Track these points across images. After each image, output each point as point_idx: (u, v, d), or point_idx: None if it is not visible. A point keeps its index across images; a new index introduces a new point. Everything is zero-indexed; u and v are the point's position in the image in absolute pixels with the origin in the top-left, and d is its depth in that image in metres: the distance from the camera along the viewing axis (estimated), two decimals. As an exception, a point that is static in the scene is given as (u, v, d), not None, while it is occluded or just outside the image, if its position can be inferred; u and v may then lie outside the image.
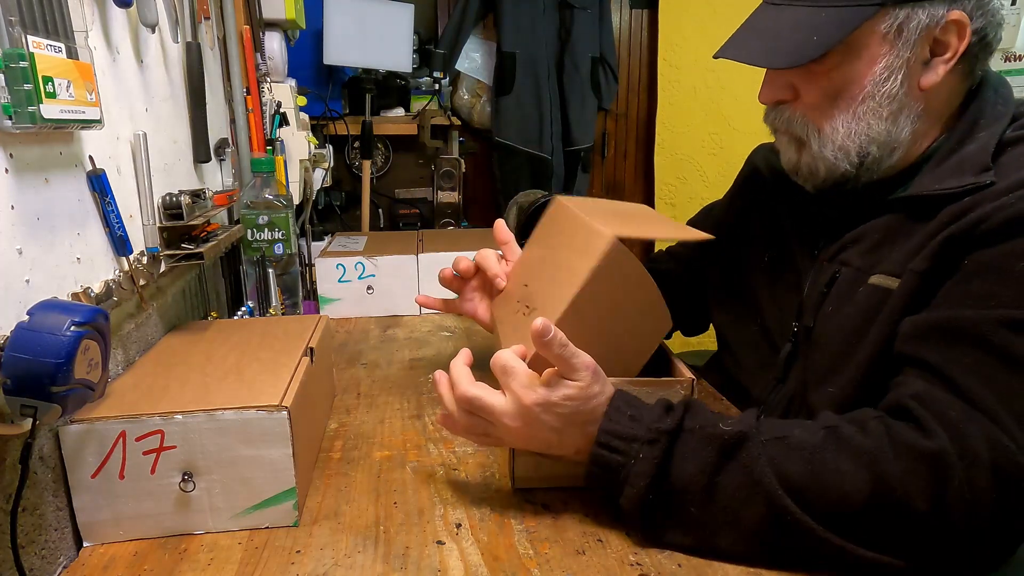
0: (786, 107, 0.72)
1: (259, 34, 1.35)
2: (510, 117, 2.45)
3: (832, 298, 0.72)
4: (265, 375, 0.69)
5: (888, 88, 0.66)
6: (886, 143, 0.68)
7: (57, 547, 0.59)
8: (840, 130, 0.68)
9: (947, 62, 0.65)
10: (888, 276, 0.67)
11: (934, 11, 0.63)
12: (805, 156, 0.72)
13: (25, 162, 0.58)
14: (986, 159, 0.63)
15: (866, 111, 0.67)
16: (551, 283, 0.70)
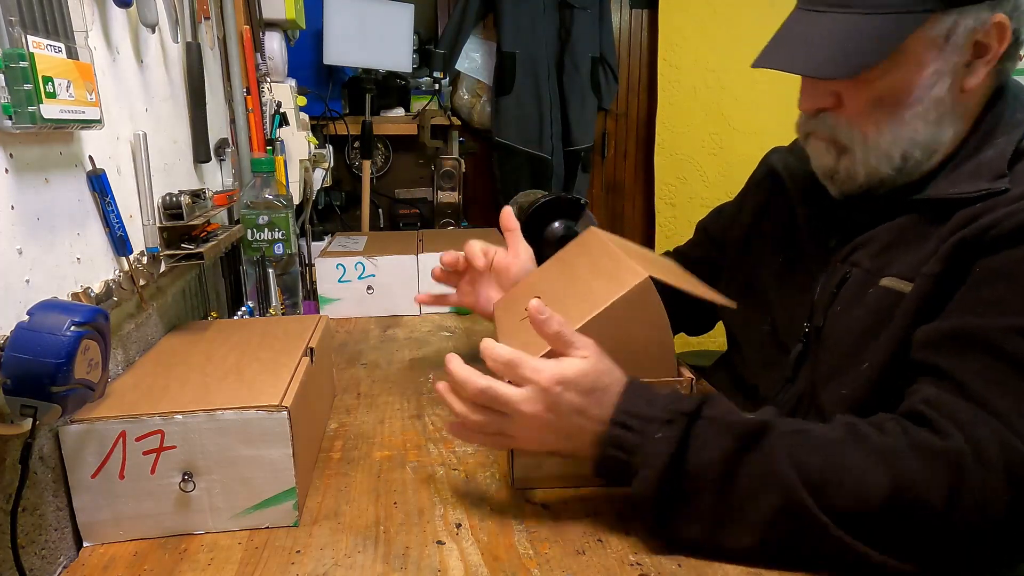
0: (828, 114, 0.70)
1: (259, 34, 1.35)
2: (510, 117, 2.45)
3: (842, 298, 0.72)
4: (265, 375, 0.69)
5: (936, 92, 0.65)
6: (928, 146, 0.67)
7: (57, 547, 0.59)
8: (886, 135, 0.67)
9: (988, 63, 0.65)
10: (899, 279, 0.66)
11: (980, 15, 0.63)
12: (845, 161, 0.71)
13: (25, 162, 0.58)
14: (1002, 165, 0.63)
15: (914, 116, 0.66)
16: (568, 301, 0.71)
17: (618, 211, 2.89)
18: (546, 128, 2.47)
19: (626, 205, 2.89)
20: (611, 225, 2.89)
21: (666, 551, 0.60)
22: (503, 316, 0.84)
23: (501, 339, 0.76)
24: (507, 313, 0.83)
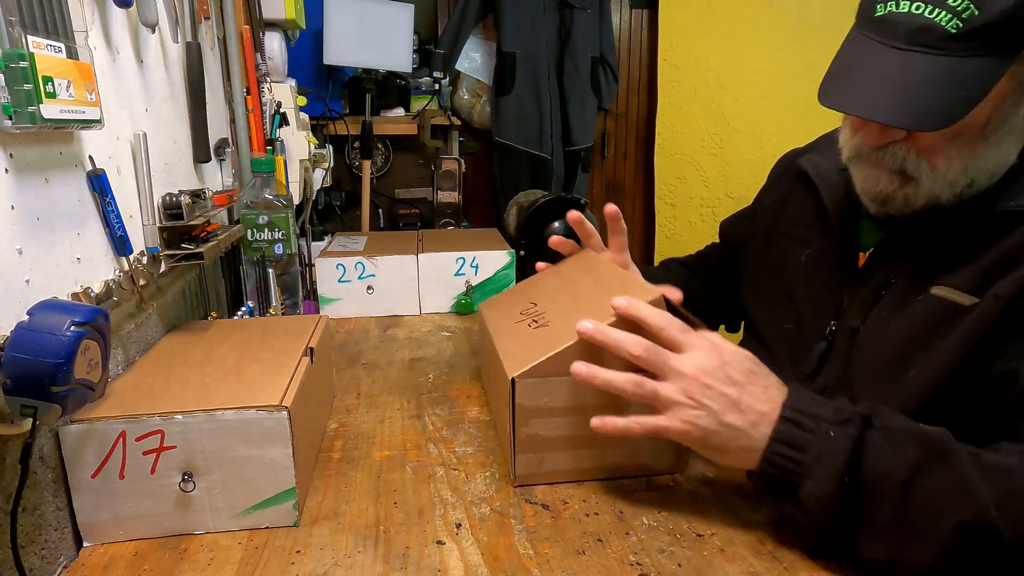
0: (898, 146, 0.67)
1: (259, 34, 1.35)
2: (510, 117, 2.45)
3: (887, 303, 0.70)
4: (265, 375, 0.69)
5: (1010, 124, 0.64)
6: (994, 173, 0.66)
7: (57, 547, 0.59)
8: (956, 167, 0.65)
9: None
10: (955, 290, 0.65)
11: None
12: (907, 189, 0.68)
13: (25, 162, 0.58)
14: None
15: (986, 147, 0.65)
16: (570, 309, 0.72)
17: (618, 211, 2.89)
18: (546, 128, 2.47)
19: (626, 205, 2.89)
20: (611, 225, 2.89)
21: (666, 552, 0.60)
22: (496, 316, 0.84)
23: (496, 340, 0.77)
24: (500, 314, 0.84)
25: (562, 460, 0.69)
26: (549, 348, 0.66)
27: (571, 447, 0.69)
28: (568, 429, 0.68)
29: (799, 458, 0.56)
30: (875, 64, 0.63)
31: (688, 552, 0.60)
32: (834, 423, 0.56)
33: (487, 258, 1.30)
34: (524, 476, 0.70)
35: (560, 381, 0.67)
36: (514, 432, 0.68)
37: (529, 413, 0.67)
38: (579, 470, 0.70)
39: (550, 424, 0.68)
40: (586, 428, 0.65)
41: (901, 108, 0.61)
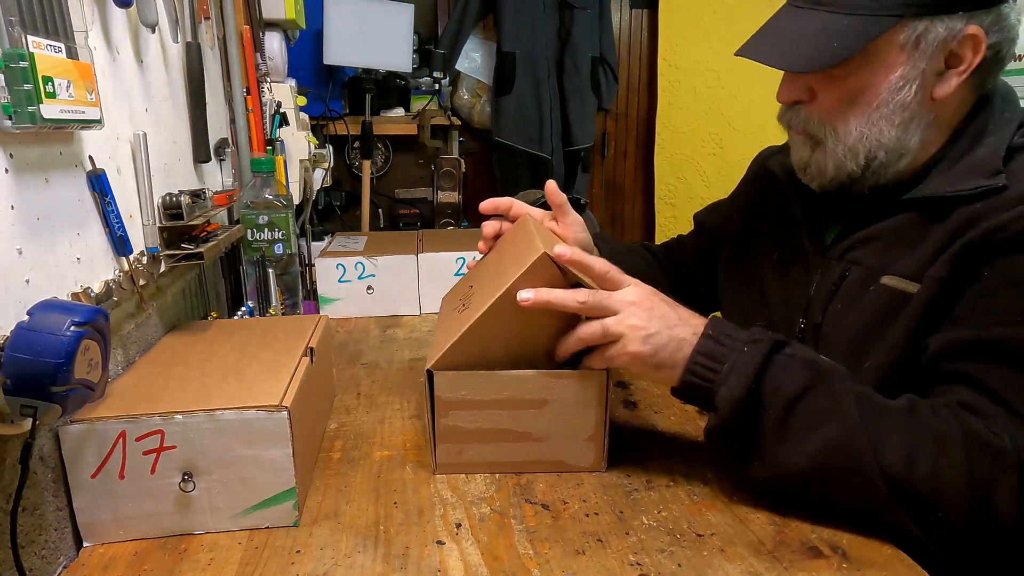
0: (802, 107, 0.73)
1: (259, 34, 1.35)
2: (510, 117, 2.45)
3: (841, 296, 0.73)
4: (265, 375, 0.69)
5: (902, 97, 0.67)
6: (895, 149, 0.69)
7: (57, 547, 0.59)
8: (853, 133, 0.69)
9: (960, 74, 0.66)
10: (902, 278, 0.68)
11: (952, 24, 0.64)
12: (817, 154, 0.73)
13: (25, 162, 0.58)
14: (997, 163, 0.65)
15: (879, 117, 0.68)
16: (487, 286, 0.75)
17: (618, 211, 2.89)
18: (546, 128, 2.47)
19: (626, 205, 2.89)
20: (611, 225, 2.89)
21: (666, 552, 0.60)
22: (445, 307, 0.85)
23: (438, 330, 0.79)
24: (448, 304, 0.85)
25: (481, 452, 0.71)
26: (458, 331, 0.68)
27: (491, 440, 0.71)
28: (488, 422, 0.70)
29: (716, 367, 0.63)
30: (778, 20, 0.72)
31: (688, 552, 0.60)
32: (748, 342, 0.63)
33: (487, 258, 1.30)
34: (444, 465, 0.72)
35: (481, 375, 0.69)
36: (433, 423, 0.70)
37: (448, 405, 0.69)
38: (499, 463, 0.72)
39: (469, 416, 0.70)
40: (507, 422, 0.70)
41: (778, 52, 0.69)
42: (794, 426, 0.61)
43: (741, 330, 0.65)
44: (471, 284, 0.82)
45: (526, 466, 0.72)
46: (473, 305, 0.73)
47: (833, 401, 0.60)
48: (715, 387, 0.63)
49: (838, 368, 0.63)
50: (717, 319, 0.67)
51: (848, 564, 0.58)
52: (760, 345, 0.62)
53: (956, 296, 0.64)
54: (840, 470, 0.60)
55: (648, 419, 0.85)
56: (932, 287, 0.65)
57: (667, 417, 0.85)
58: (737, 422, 0.62)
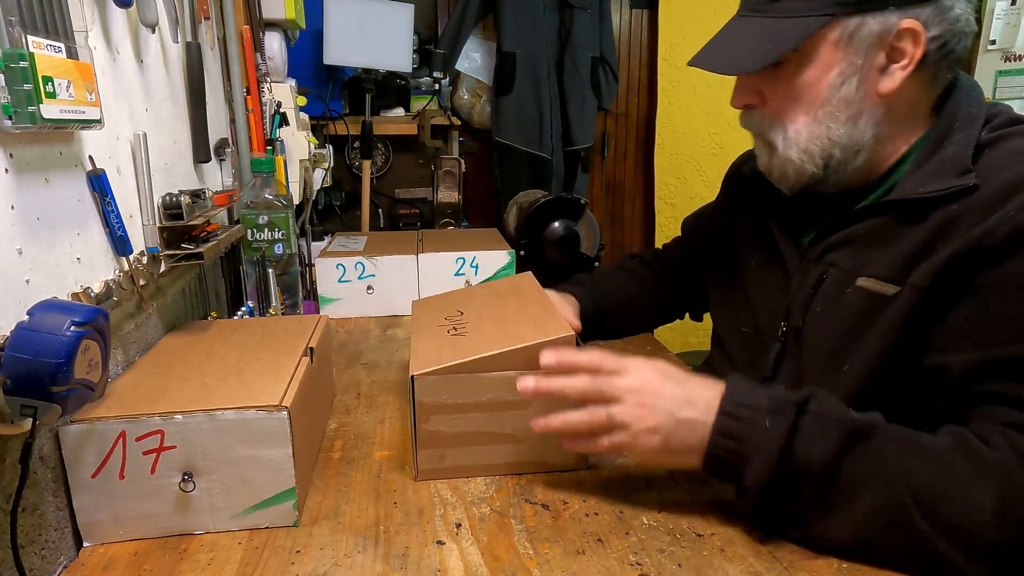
0: (755, 111, 0.75)
1: (259, 34, 1.35)
2: (510, 117, 2.45)
3: (820, 299, 0.73)
4: (265, 375, 0.69)
5: (844, 93, 0.68)
6: (848, 146, 0.70)
7: (57, 547, 0.59)
8: (803, 133, 0.70)
9: (904, 68, 0.67)
10: (877, 280, 0.68)
11: (885, 20, 0.65)
12: (775, 159, 0.74)
13: (25, 162, 0.58)
14: (966, 161, 0.64)
15: (825, 115, 0.69)
16: (490, 326, 0.76)
17: (618, 211, 2.89)
18: (546, 128, 2.47)
19: (626, 205, 2.89)
20: (611, 225, 2.89)
21: (666, 552, 0.60)
22: (423, 316, 0.86)
23: (414, 338, 0.79)
24: (428, 315, 0.86)
25: (463, 456, 0.71)
26: (457, 356, 0.69)
27: (473, 443, 0.71)
28: (469, 426, 0.71)
29: (738, 448, 0.60)
30: (725, 29, 0.75)
31: (688, 552, 0.60)
32: (769, 413, 0.59)
33: (487, 258, 1.30)
34: (426, 471, 0.72)
35: (460, 378, 0.69)
36: (415, 428, 0.70)
37: (429, 409, 0.69)
38: (481, 466, 0.72)
39: (450, 420, 0.70)
40: (488, 424, 0.70)
41: (721, 59, 0.73)
42: (835, 497, 0.58)
43: (762, 395, 0.61)
44: (460, 310, 0.84)
45: (509, 468, 0.72)
46: (471, 336, 0.75)
47: (874, 462, 0.57)
48: (739, 468, 0.60)
49: (874, 422, 0.59)
50: (733, 386, 0.62)
51: (848, 564, 0.58)
52: (783, 417, 0.59)
53: (945, 306, 0.63)
54: (890, 534, 0.57)
55: (648, 419, 0.85)
56: (914, 295, 0.64)
57: (667, 417, 0.85)
58: (771, 499, 0.60)
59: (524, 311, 0.78)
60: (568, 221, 1.53)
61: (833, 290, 0.72)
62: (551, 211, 1.54)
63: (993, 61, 2.39)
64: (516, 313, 0.78)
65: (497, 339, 0.71)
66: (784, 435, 0.58)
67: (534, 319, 0.76)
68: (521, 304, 0.82)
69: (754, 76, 0.73)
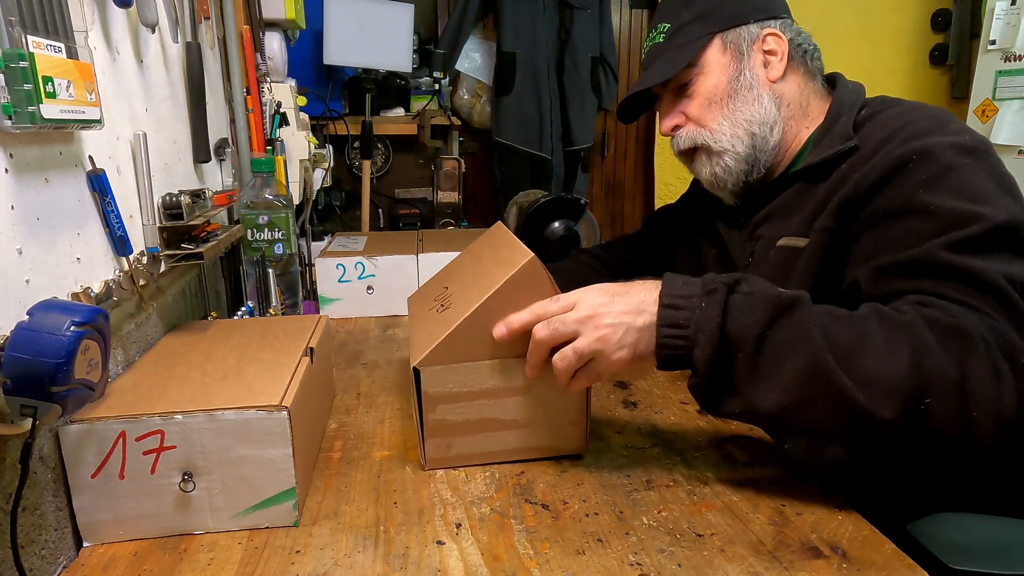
0: (682, 129, 0.90)
1: (259, 34, 1.35)
2: (510, 117, 2.45)
3: (753, 266, 0.87)
4: (265, 375, 0.69)
5: (744, 82, 0.86)
6: (763, 122, 0.86)
7: (57, 547, 0.59)
8: (725, 124, 0.86)
9: (781, 60, 0.87)
10: (793, 237, 0.82)
11: (751, 30, 0.87)
12: (714, 159, 0.88)
13: (25, 162, 0.58)
14: (848, 131, 0.81)
15: (737, 103, 0.86)
16: (470, 287, 0.76)
17: (618, 211, 2.89)
18: (546, 128, 2.47)
19: (626, 205, 2.89)
20: (611, 225, 2.89)
21: (666, 552, 0.60)
22: (416, 308, 0.87)
23: (412, 331, 0.80)
24: (420, 304, 0.86)
25: (470, 444, 0.72)
26: (445, 330, 0.69)
27: (479, 431, 0.72)
28: (474, 413, 0.71)
29: (683, 334, 0.64)
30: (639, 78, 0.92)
31: (688, 552, 0.60)
32: (703, 295, 0.65)
33: (487, 258, 1.30)
34: (434, 460, 0.73)
35: (464, 367, 0.70)
36: (421, 418, 0.71)
37: (435, 399, 0.70)
38: (487, 453, 0.73)
39: (456, 409, 0.71)
40: (493, 412, 0.71)
41: (643, 81, 0.90)
42: (763, 363, 0.63)
43: (695, 283, 0.66)
44: (445, 285, 0.84)
45: (514, 454, 0.73)
46: (455, 306, 0.74)
47: (796, 331, 0.62)
48: (689, 351, 0.64)
49: (798, 296, 0.64)
50: (669, 281, 0.67)
51: (848, 564, 0.58)
52: (716, 295, 0.64)
53: (848, 241, 0.75)
54: (816, 394, 0.61)
55: (648, 419, 0.85)
56: (820, 237, 0.77)
57: (667, 417, 0.85)
58: (715, 374, 0.64)
59: (494, 257, 0.78)
60: (568, 221, 1.53)
61: (761, 256, 0.86)
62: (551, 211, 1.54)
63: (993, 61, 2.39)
64: (489, 263, 0.78)
65: (475, 295, 0.71)
66: (719, 312, 0.63)
67: (501, 260, 0.76)
68: (492, 252, 0.82)
69: (672, 103, 0.91)
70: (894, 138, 0.75)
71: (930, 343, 0.59)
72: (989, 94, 2.42)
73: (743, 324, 0.63)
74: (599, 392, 0.92)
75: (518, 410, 0.72)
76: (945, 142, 0.71)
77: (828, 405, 0.60)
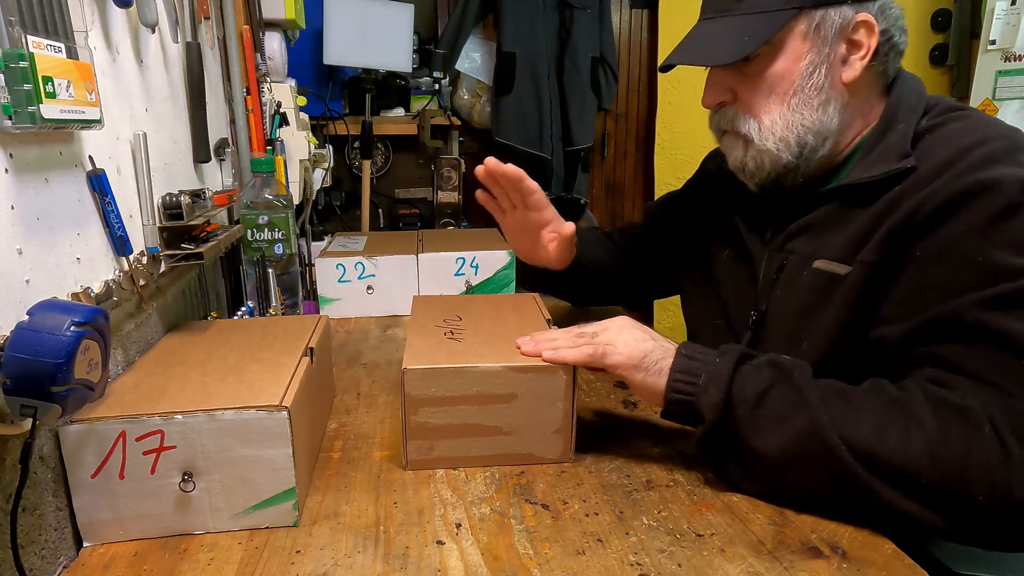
0: (728, 108, 0.79)
1: (259, 34, 1.35)
2: (510, 117, 2.45)
3: (781, 283, 0.79)
4: (265, 375, 0.69)
5: (814, 81, 0.73)
6: (819, 132, 0.75)
7: (57, 547, 0.59)
8: (779, 122, 0.75)
9: (863, 59, 0.73)
10: (831, 261, 0.73)
11: (845, 13, 0.72)
12: (751, 151, 0.78)
13: (25, 162, 0.58)
14: (905, 147, 0.70)
15: (799, 103, 0.74)
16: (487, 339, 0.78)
17: (618, 211, 2.89)
18: (546, 128, 2.47)
19: (626, 205, 2.89)
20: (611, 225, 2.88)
21: (666, 552, 0.60)
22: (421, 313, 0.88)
23: (409, 333, 0.81)
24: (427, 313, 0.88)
25: (451, 447, 0.73)
26: (450, 360, 0.71)
27: (461, 435, 0.72)
28: (457, 417, 0.72)
29: (695, 380, 0.67)
30: (694, 32, 0.79)
31: (688, 552, 0.60)
32: (719, 355, 0.68)
33: (487, 258, 1.30)
34: (415, 462, 0.73)
35: (448, 372, 0.70)
36: (404, 419, 0.71)
37: (418, 402, 0.71)
38: (468, 457, 0.73)
39: (439, 413, 0.71)
40: (476, 417, 0.72)
41: (698, 54, 0.77)
42: (763, 421, 0.64)
43: (711, 349, 0.70)
44: (460, 316, 0.87)
45: (496, 460, 0.74)
46: (465, 344, 0.77)
47: (796, 393, 0.64)
48: (696, 399, 0.67)
49: (799, 363, 0.66)
50: (687, 343, 0.71)
51: (848, 564, 0.58)
52: (729, 356, 0.67)
53: (890, 279, 0.68)
54: (811, 455, 0.62)
55: (648, 419, 0.85)
56: (864, 270, 0.69)
57: (667, 417, 0.85)
58: (720, 427, 0.66)
59: (520, 330, 0.80)
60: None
61: (792, 274, 0.77)
62: (551, 211, 1.53)
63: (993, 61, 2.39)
64: (513, 330, 0.80)
65: (491, 353, 0.73)
66: (731, 368, 0.65)
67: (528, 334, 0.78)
68: (519, 322, 0.85)
69: (725, 74, 0.77)
70: (957, 162, 0.65)
71: (926, 423, 0.59)
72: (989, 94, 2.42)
73: (748, 384, 0.65)
74: (599, 392, 0.92)
75: (503, 417, 0.72)
76: (1018, 176, 0.62)
77: (822, 465, 0.62)
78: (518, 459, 0.74)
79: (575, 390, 0.72)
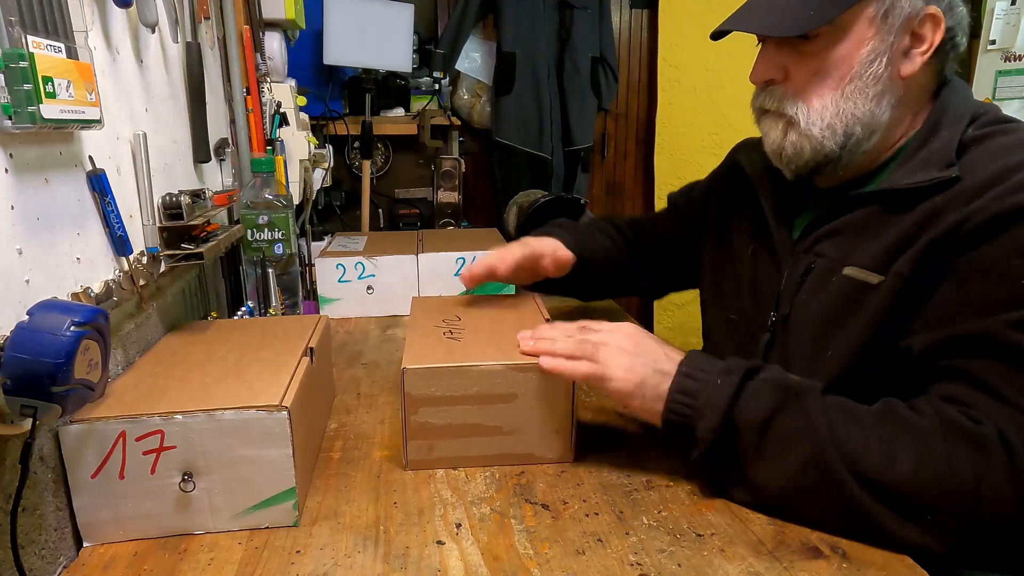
0: (777, 87, 0.74)
1: (259, 34, 1.35)
2: (510, 117, 2.45)
3: (807, 287, 0.75)
4: (265, 375, 0.69)
5: (874, 70, 0.69)
6: (869, 124, 0.71)
7: (57, 547, 0.59)
8: (829, 108, 0.71)
9: (923, 54, 0.70)
10: (862, 269, 0.70)
11: (915, 3, 0.68)
12: (792, 135, 0.74)
13: (25, 162, 0.58)
14: (950, 155, 0.67)
15: (854, 90, 0.70)
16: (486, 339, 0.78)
17: (618, 211, 2.89)
18: (546, 128, 2.47)
19: (626, 205, 2.89)
20: (611, 225, 2.89)
21: (666, 552, 0.60)
22: (420, 313, 0.88)
23: (409, 332, 0.81)
24: (426, 313, 0.88)
25: (451, 447, 0.73)
26: (449, 359, 0.71)
27: (460, 435, 0.72)
28: (457, 417, 0.72)
29: (692, 403, 0.65)
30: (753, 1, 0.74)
31: (688, 552, 0.60)
32: (721, 374, 0.65)
33: (487, 258, 1.30)
34: (415, 462, 0.73)
35: (449, 371, 0.70)
36: (404, 419, 0.71)
37: (418, 402, 0.71)
38: (468, 457, 0.73)
39: (439, 412, 0.71)
40: (476, 417, 0.72)
41: (758, 21, 0.72)
42: (767, 449, 0.62)
43: (717, 363, 0.67)
44: (459, 316, 0.87)
45: (495, 460, 0.74)
46: (464, 343, 0.77)
47: (803, 419, 0.61)
48: (693, 422, 0.65)
49: (809, 384, 0.64)
50: (693, 354, 0.69)
51: (848, 564, 0.58)
52: (732, 376, 0.64)
53: (925, 292, 0.65)
54: (817, 485, 0.60)
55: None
56: (897, 282, 0.66)
57: (667, 417, 0.85)
58: (717, 452, 0.64)
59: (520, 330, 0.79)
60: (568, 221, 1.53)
61: (820, 279, 0.74)
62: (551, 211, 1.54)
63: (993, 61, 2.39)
64: (512, 329, 0.80)
65: (491, 352, 0.73)
66: (732, 391, 0.63)
67: None
68: (518, 322, 0.84)
69: (780, 51, 0.73)
70: (1006, 179, 0.62)
71: (936, 450, 0.58)
72: (989, 94, 2.42)
73: (751, 408, 0.63)
74: (599, 392, 0.92)
75: (503, 417, 0.72)
76: None
77: (832, 499, 0.60)
78: (518, 459, 0.74)
79: (575, 390, 0.72)
